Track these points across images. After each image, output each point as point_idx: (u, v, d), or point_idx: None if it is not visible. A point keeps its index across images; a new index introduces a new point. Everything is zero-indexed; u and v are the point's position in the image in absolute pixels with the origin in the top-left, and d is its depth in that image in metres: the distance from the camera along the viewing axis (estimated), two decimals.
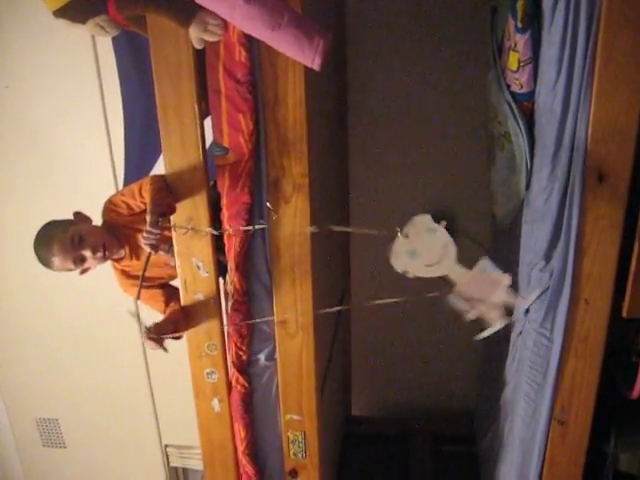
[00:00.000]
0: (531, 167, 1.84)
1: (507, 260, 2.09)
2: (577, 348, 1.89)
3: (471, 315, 1.69)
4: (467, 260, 1.73)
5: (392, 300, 1.74)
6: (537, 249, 1.83)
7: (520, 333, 2.01)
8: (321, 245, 2.05)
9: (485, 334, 1.71)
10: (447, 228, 2.37)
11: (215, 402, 2.14)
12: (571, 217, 1.73)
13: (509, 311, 1.75)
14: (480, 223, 2.64)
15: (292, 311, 1.91)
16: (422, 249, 1.69)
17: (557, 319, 1.86)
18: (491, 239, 2.62)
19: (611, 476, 2.14)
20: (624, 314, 1.85)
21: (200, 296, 1.95)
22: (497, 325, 1.69)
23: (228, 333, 2.02)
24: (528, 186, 1.89)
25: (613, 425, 2.11)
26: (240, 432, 2.17)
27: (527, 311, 1.91)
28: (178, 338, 1.94)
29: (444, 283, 1.71)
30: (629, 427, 2.20)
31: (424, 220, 1.73)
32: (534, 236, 1.84)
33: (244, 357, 2.02)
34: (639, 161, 1.69)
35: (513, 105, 1.86)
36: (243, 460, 2.23)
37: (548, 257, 1.80)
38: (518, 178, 1.91)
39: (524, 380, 2.00)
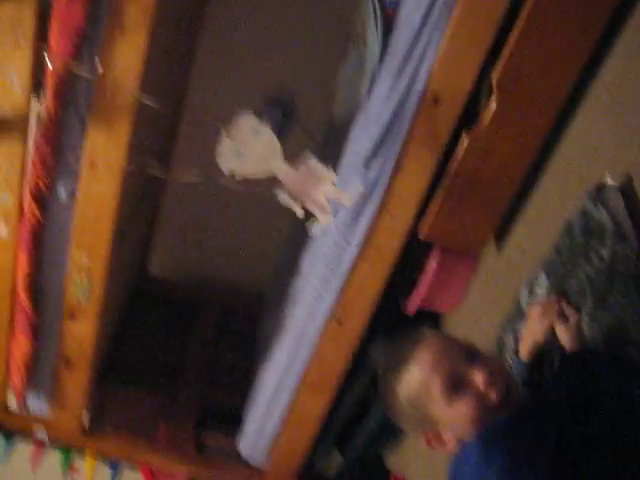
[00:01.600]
0: (377, 73, 1.85)
1: (334, 161, 2.11)
2: (371, 256, 1.98)
3: (299, 212, 1.70)
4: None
5: (218, 180, 1.71)
6: (360, 155, 1.86)
7: (324, 232, 2.07)
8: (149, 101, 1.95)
9: (317, 230, 1.74)
10: (284, 115, 2.35)
11: (2, 227, 2.02)
12: (399, 130, 1.78)
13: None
14: (319, 118, 2.64)
15: (103, 153, 1.81)
16: (248, 150, 1.66)
17: (360, 226, 1.94)
18: (323, 137, 2.64)
19: (369, 374, 2.31)
20: (421, 236, 1.97)
21: (7, 113, 1.79)
22: (325, 221, 1.73)
23: (31, 158, 1.88)
24: (370, 92, 1.90)
25: (383, 332, 2.26)
26: (23, 265, 2.08)
27: (336, 213, 1.96)
28: None
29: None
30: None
31: (248, 120, 1.69)
32: (360, 140, 1.87)
33: (43, 187, 1.90)
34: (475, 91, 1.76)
35: (377, 8, 1.84)
36: (22, 294, 2.15)
37: (368, 165, 1.84)
38: (362, 81, 1.91)
39: (316, 275, 2.08)
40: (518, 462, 1.03)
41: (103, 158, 1.82)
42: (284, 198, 1.68)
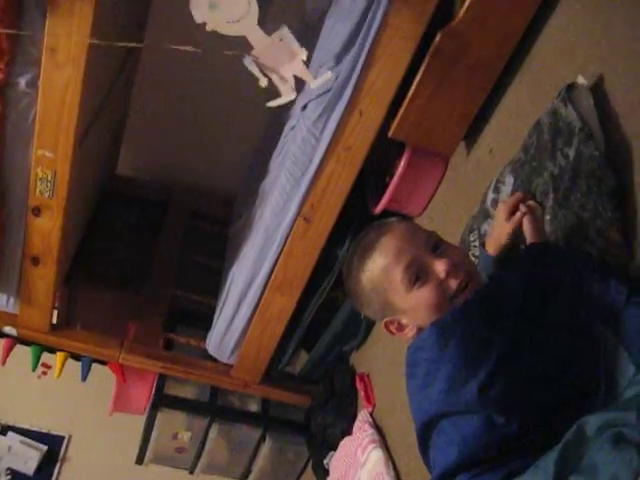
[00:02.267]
0: None
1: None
2: (340, 154, 1.97)
3: (262, 83, 1.64)
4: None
5: (187, 48, 1.61)
6: (331, 48, 1.81)
7: (293, 128, 2.04)
8: None
9: (274, 103, 1.68)
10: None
11: None
12: (372, 24, 1.73)
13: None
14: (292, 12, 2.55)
15: (65, 39, 1.73)
16: (223, 2, 1.57)
17: (329, 123, 1.91)
18: (298, 29, 2.56)
19: (335, 275, 2.34)
20: (390, 134, 1.95)
21: None
22: (287, 97, 1.67)
23: None
24: None
25: (351, 233, 2.27)
26: None
27: (304, 107, 1.93)
28: None
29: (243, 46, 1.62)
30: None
31: None
32: (332, 33, 1.82)
33: (1, 76, 1.83)
34: None
35: None
36: None
37: (339, 59, 1.80)
38: None
39: (284, 173, 2.06)
40: (472, 347, 1.05)
41: (64, 44, 1.74)
42: (250, 63, 1.62)
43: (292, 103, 1.86)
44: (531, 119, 1.60)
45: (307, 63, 1.94)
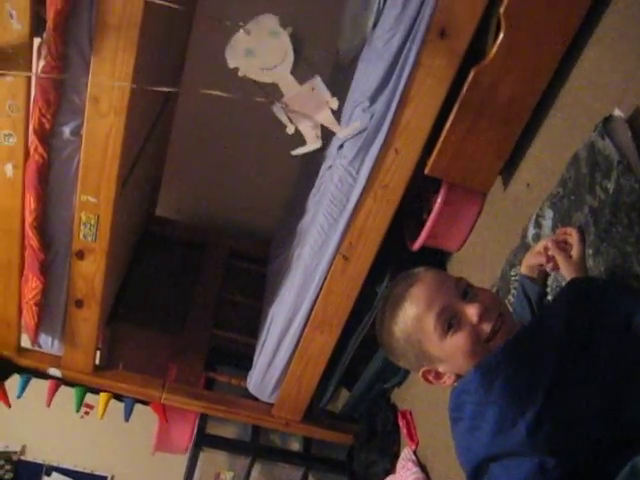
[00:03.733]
0: (383, 6, 1.81)
1: (338, 97, 2.09)
2: (377, 192, 1.98)
3: (290, 129, 1.68)
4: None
5: (220, 94, 1.65)
6: (365, 89, 1.84)
7: (330, 167, 2.07)
8: (157, 21, 1.91)
9: (300, 151, 1.71)
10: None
11: (9, 167, 2.02)
12: (405, 64, 1.75)
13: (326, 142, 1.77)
14: (324, 54, 2.60)
15: (108, 88, 1.79)
16: (260, 50, 1.61)
17: (366, 161, 1.93)
18: (330, 73, 2.61)
19: (375, 312, 2.33)
20: (426, 171, 1.96)
21: (7, 49, 1.77)
22: (312, 145, 1.70)
23: (34, 97, 1.87)
24: (375, 25, 1.87)
25: (390, 270, 2.28)
26: (31, 203, 2.09)
27: (341, 147, 1.96)
28: None
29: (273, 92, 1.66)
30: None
31: (270, 21, 1.64)
32: (366, 75, 1.85)
33: (47, 126, 1.90)
34: (482, 26, 1.73)
35: None
36: (29, 232, 2.17)
37: (373, 99, 1.83)
38: (368, 14, 1.88)
39: (322, 212, 2.08)
40: (517, 387, 1.04)
41: (107, 93, 1.80)
42: (278, 110, 1.65)
43: (325, 145, 1.89)
44: (568, 153, 1.60)
45: (340, 106, 1.99)
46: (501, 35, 1.71)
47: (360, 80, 1.91)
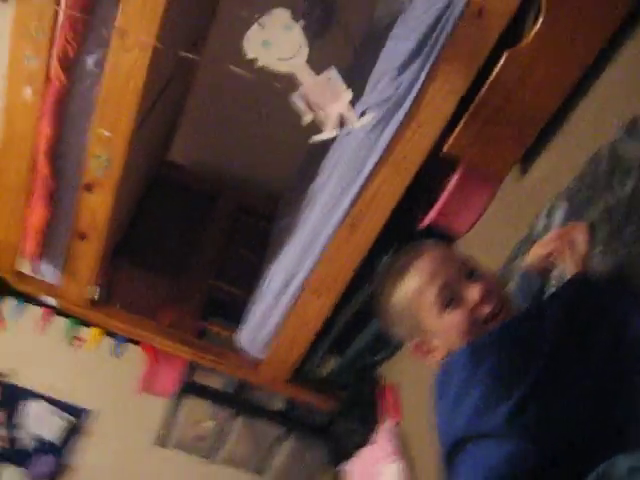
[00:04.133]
0: None
1: (362, 72, 2.07)
2: (392, 163, 1.96)
3: (307, 118, 1.72)
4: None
5: (241, 72, 1.68)
6: (395, 58, 1.81)
7: (349, 133, 2.04)
8: None
9: (316, 139, 1.75)
10: (324, 13, 2.29)
11: (28, 90, 2.00)
12: (439, 38, 1.72)
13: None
14: (359, 21, 2.56)
15: (136, 23, 1.77)
16: (276, 42, 1.65)
17: (386, 132, 1.91)
18: (361, 41, 2.57)
19: (374, 284, 2.33)
20: (445, 149, 1.94)
21: None
22: (326, 134, 1.74)
23: (62, 23, 1.85)
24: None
25: (395, 244, 2.26)
26: (46, 129, 2.08)
27: (362, 114, 1.93)
28: None
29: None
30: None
31: (282, 15, 1.67)
32: (397, 47, 1.82)
33: (71, 54, 1.88)
34: (521, 11, 1.70)
35: None
36: (42, 159, 2.17)
37: (402, 69, 1.80)
38: None
39: (335, 176, 2.07)
40: (505, 370, 1.04)
41: (135, 28, 1.78)
42: (296, 100, 1.68)
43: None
44: (590, 149, 1.58)
45: (368, 73, 1.97)
46: (540, 21, 1.68)
47: (391, 51, 1.88)
